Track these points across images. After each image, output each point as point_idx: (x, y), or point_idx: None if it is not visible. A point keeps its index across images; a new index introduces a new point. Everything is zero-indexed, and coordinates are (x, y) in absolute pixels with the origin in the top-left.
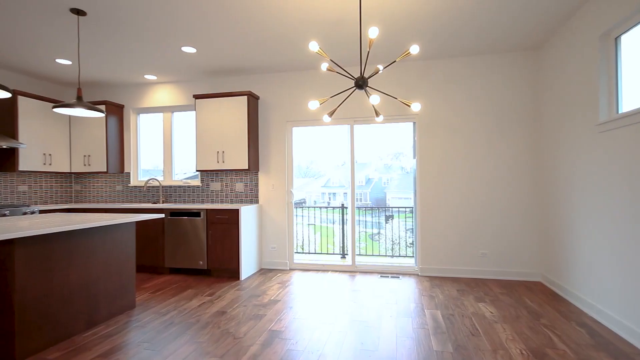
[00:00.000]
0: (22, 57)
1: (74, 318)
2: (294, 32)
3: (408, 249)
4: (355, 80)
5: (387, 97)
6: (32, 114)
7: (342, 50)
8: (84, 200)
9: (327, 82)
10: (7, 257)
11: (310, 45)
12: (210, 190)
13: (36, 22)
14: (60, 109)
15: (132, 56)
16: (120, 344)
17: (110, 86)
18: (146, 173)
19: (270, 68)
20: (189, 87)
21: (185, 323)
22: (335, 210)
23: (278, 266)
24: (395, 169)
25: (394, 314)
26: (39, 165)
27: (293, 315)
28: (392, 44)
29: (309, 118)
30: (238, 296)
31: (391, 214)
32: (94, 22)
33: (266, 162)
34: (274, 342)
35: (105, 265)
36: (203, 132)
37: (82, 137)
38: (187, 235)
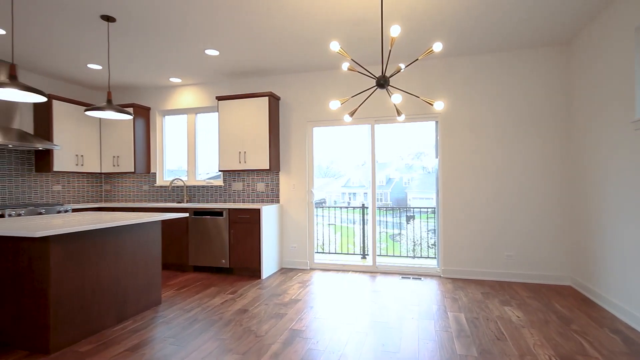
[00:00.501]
0: (56, 63)
1: (104, 313)
2: (314, 32)
3: (430, 250)
4: (377, 80)
5: (408, 96)
6: (65, 117)
7: (362, 49)
8: (113, 199)
9: (347, 82)
10: (43, 253)
11: (331, 45)
12: (232, 190)
13: (69, 30)
14: (92, 111)
15: (158, 60)
16: (147, 338)
17: (137, 89)
18: (171, 173)
19: (291, 69)
20: (212, 88)
21: (209, 320)
22: (355, 210)
23: (298, 266)
24: (416, 169)
25: (416, 315)
26: (72, 166)
27: (313, 315)
28: (413, 42)
29: (329, 118)
30: (259, 295)
31: (412, 214)
32: (122, 28)
33: (287, 162)
34: (294, 341)
35: (133, 263)
36: (225, 132)
37: (111, 139)
38: (210, 234)
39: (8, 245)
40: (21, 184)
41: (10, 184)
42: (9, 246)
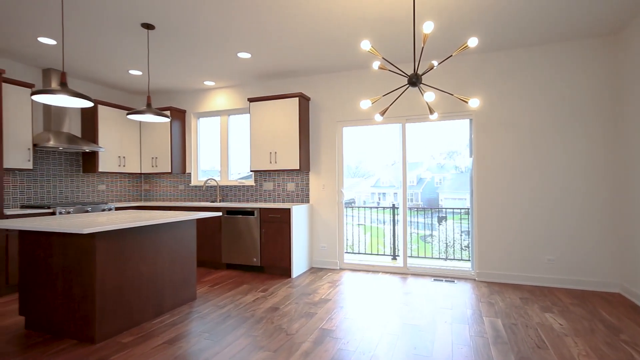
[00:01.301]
0: (100, 69)
1: (144, 307)
2: (345, 32)
3: (463, 252)
4: (409, 78)
5: (441, 93)
6: (109, 120)
7: (393, 47)
8: (152, 198)
9: (377, 81)
10: (90, 249)
11: (362, 45)
12: (263, 190)
13: (113, 38)
14: (133, 115)
15: (193, 64)
16: (184, 332)
17: (173, 93)
18: (205, 173)
19: (321, 69)
20: (244, 90)
21: (241, 317)
22: (385, 211)
23: (328, 265)
24: (448, 169)
25: (449, 319)
26: (115, 167)
27: (344, 315)
28: (446, 38)
29: (359, 118)
30: (290, 293)
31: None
32: (161, 35)
33: (317, 162)
34: (325, 341)
35: (170, 259)
36: (257, 133)
37: (150, 141)
38: (242, 233)
39: (60, 241)
40: (70, 184)
41: (60, 184)
42: (61, 241)
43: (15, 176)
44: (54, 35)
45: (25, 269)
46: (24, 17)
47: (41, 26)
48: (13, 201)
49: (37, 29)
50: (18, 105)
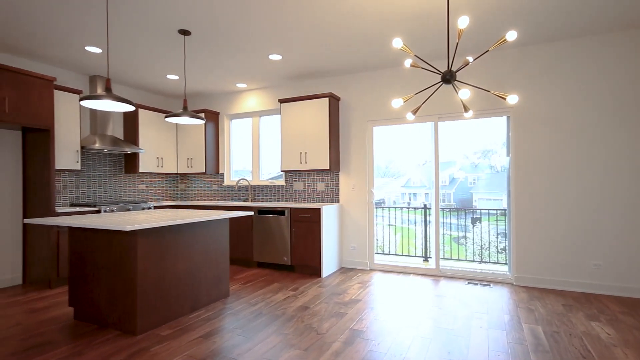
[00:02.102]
0: (140, 75)
1: (181, 302)
2: (376, 30)
3: (499, 255)
4: (442, 75)
5: (476, 90)
6: (148, 123)
7: (426, 44)
8: (187, 197)
9: (409, 79)
10: (132, 245)
11: (393, 42)
12: (293, 190)
13: (152, 45)
14: (171, 118)
15: (226, 67)
16: (218, 327)
17: (207, 95)
18: (236, 174)
19: (351, 68)
20: (275, 92)
21: (272, 315)
22: (416, 211)
23: (358, 266)
24: (483, 168)
25: (485, 324)
26: (154, 168)
27: (374, 316)
28: (482, 33)
29: (390, 117)
30: (320, 293)
31: (479, 216)
32: (196, 40)
33: (347, 162)
34: (355, 342)
35: (205, 257)
36: (287, 133)
37: (186, 142)
38: (273, 232)
39: (105, 237)
40: (113, 184)
41: (105, 184)
42: (105, 238)
43: (65, 176)
44: (100, 44)
45: (74, 263)
46: (74, 28)
47: (89, 36)
48: (63, 200)
49: (85, 39)
50: (68, 110)
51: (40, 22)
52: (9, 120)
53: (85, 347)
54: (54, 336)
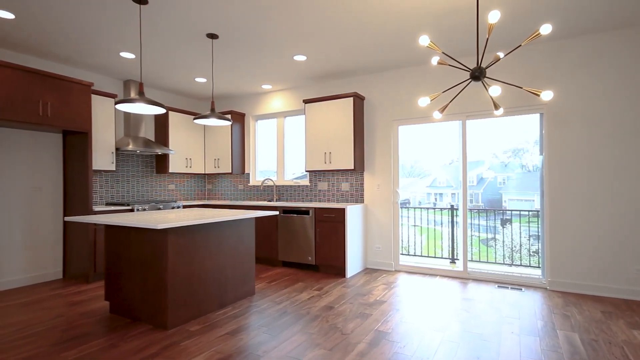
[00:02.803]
0: (170, 78)
1: (208, 298)
2: (402, 27)
3: (532, 258)
4: (471, 72)
5: (507, 87)
6: (178, 125)
7: (454, 40)
8: (214, 197)
9: (436, 77)
10: (163, 243)
11: (420, 40)
12: (318, 190)
13: (181, 49)
14: (199, 120)
15: (252, 69)
16: (244, 325)
17: (233, 97)
18: (262, 174)
19: (376, 67)
20: (299, 92)
21: (297, 314)
22: (443, 212)
23: (383, 267)
24: (513, 167)
25: (516, 330)
26: (183, 168)
27: (400, 318)
28: (514, 27)
29: (416, 116)
30: (344, 293)
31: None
32: (224, 43)
33: (371, 162)
34: (380, 343)
35: (232, 255)
36: (312, 134)
37: (213, 143)
38: (297, 232)
39: (138, 235)
40: (145, 184)
41: (137, 184)
42: (138, 235)
43: (101, 176)
44: (133, 50)
45: (110, 259)
46: (110, 35)
47: (123, 42)
48: (99, 199)
49: (120, 45)
50: (104, 114)
51: (79, 31)
52: (51, 124)
53: (120, 340)
54: (91, 328)
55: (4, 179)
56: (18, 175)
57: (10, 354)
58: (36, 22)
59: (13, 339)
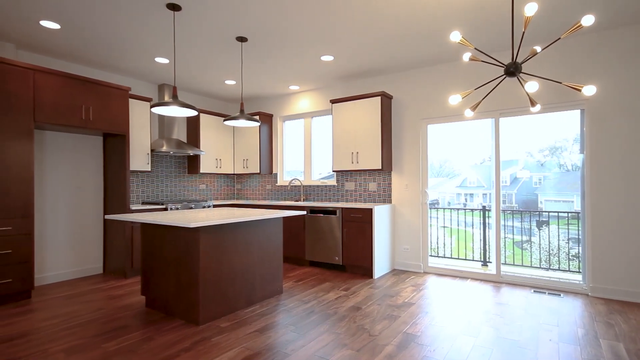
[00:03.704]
0: (201, 81)
1: (237, 296)
2: (431, 24)
3: (571, 262)
4: (506, 67)
5: (544, 82)
6: (208, 126)
7: (486, 35)
8: (242, 197)
9: (467, 74)
10: (195, 241)
11: (451, 36)
12: (344, 190)
13: (212, 53)
14: (229, 121)
15: (280, 71)
16: (272, 323)
17: (261, 98)
18: (289, 174)
19: (405, 65)
20: (326, 93)
21: (324, 313)
22: (474, 213)
23: (411, 268)
24: (550, 167)
25: (555, 337)
26: (213, 168)
27: (429, 321)
28: (552, 19)
29: (446, 114)
30: (372, 294)
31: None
32: (252, 46)
33: (399, 162)
34: (409, 346)
35: (260, 254)
36: (339, 134)
37: (242, 144)
38: (324, 232)
39: (171, 233)
40: (177, 184)
41: (170, 184)
42: (172, 234)
43: (138, 177)
44: (167, 55)
45: (145, 255)
46: (145, 41)
47: (158, 48)
48: (136, 198)
49: (154, 51)
50: (140, 117)
51: (117, 39)
52: (93, 127)
53: (155, 333)
54: (129, 321)
55: (51, 179)
56: (63, 175)
57: (58, 342)
58: (79, 31)
59: (60, 329)
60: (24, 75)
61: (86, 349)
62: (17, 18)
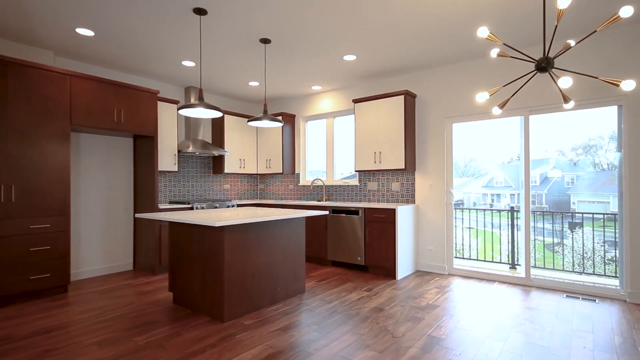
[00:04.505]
0: (225, 83)
1: (261, 295)
2: (457, 19)
3: (607, 266)
4: (537, 63)
5: (578, 78)
6: (232, 127)
7: (516, 30)
8: (265, 197)
9: (494, 70)
10: (220, 240)
11: (478, 32)
12: (367, 190)
13: (236, 54)
14: (253, 122)
15: (303, 71)
16: (295, 322)
17: (284, 99)
18: (311, 174)
19: (428, 63)
20: (348, 92)
21: (347, 314)
22: (501, 214)
23: (435, 269)
24: (583, 165)
25: (589, 345)
26: (237, 169)
27: (454, 324)
28: (586, 12)
29: (472, 112)
30: (395, 295)
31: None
32: (276, 48)
33: (423, 161)
34: (434, 349)
35: (283, 253)
36: (361, 133)
37: (265, 144)
38: (347, 232)
39: (197, 232)
40: (203, 184)
41: (196, 184)
42: (198, 232)
43: (165, 177)
44: (193, 58)
45: (173, 253)
46: (173, 45)
47: (184, 51)
48: (163, 197)
49: (181, 54)
50: (167, 118)
51: (146, 44)
52: (124, 129)
53: (182, 329)
54: (157, 317)
55: (86, 179)
56: (96, 175)
57: (92, 335)
58: (111, 38)
59: (93, 322)
60: (61, 80)
61: (118, 342)
62: (55, 27)
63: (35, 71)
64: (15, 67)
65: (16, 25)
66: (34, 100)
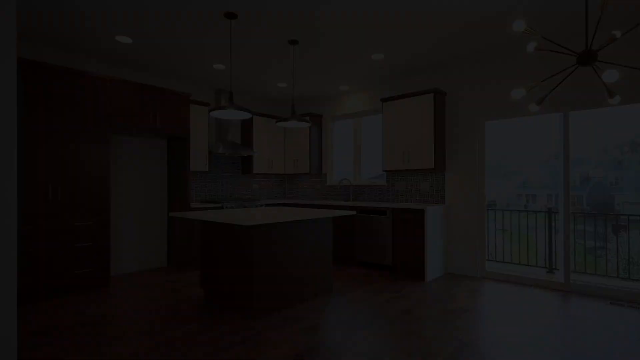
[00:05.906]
0: (254, 84)
1: (289, 293)
2: (491, 12)
3: None
4: (578, 56)
5: (624, 71)
6: (261, 128)
7: (553, 22)
8: (293, 196)
9: (530, 66)
10: (249, 239)
11: (514, 26)
12: (395, 190)
13: (265, 56)
14: (281, 123)
15: (330, 71)
16: (322, 321)
17: (311, 99)
18: (338, 174)
19: (459, 60)
20: (376, 91)
21: (374, 314)
22: (537, 215)
23: (466, 272)
24: (630, 165)
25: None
26: (265, 169)
27: (486, 329)
28: (632, 1)
29: (507, 110)
30: (423, 297)
31: (624, 224)
32: (304, 48)
33: (454, 161)
34: (464, 355)
35: (310, 252)
36: (389, 133)
37: (292, 145)
38: (374, 232)
39: (228, 230)
40: (232, 183)
41: (225, 183)
42: (228, 231)
43: (197, 177)
44: (224, 61)
45: (204, 251)
46: (205, 49)
47: (216, 55)
48: (195, 197)
49: (213, 58)
50: (199, 120)
51: (180, 49)
52: (160, 132)
53: (213, 324)
54: (190, 312)
55: (122, 179)
56: (133, 176)
57: (130, 328)
58: (148, 44)
59: (131, 315)
60: (102, 85)
61: (153, 334)
62: (97, 34)
63: (79, 77)
64: (61, 74)
65: (64, 35)
66: (77, 105)
